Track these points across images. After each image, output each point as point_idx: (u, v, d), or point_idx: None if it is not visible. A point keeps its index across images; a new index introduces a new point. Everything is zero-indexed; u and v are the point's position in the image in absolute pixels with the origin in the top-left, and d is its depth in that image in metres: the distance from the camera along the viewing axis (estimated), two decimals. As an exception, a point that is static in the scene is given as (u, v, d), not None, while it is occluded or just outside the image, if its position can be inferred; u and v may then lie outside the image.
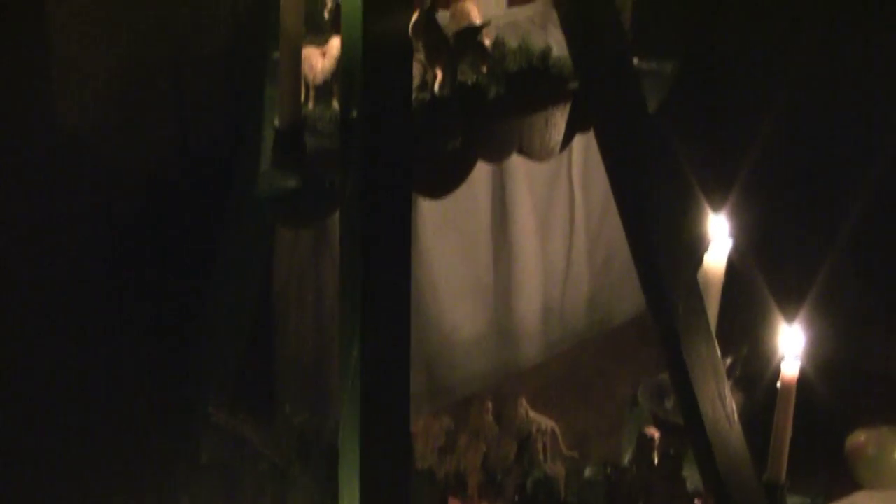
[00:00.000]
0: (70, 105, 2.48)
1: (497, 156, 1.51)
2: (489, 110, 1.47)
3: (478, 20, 1.55)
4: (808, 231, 2.58)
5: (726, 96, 2.70)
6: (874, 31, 2.59)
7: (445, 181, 1.45)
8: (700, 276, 1.82)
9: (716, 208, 1.92)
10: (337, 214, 1.36)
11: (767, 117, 2.52)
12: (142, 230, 2.44)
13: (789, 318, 1.83)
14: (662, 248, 1.62)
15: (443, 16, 1.51)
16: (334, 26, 1.47)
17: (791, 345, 1.77)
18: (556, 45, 2.18)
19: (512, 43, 1.63)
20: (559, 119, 1.53)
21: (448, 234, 2.23)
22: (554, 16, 2.18)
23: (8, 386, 2.09)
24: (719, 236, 1.86)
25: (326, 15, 1.49)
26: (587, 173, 2.35)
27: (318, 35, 1.55)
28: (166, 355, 2.04)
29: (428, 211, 2.15)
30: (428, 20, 1.37)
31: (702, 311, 1.70)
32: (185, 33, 2.57)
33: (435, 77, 1.42)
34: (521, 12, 2.26)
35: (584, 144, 2.29)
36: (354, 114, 1.29)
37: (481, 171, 2.13)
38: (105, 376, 2.21)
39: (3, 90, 2.30)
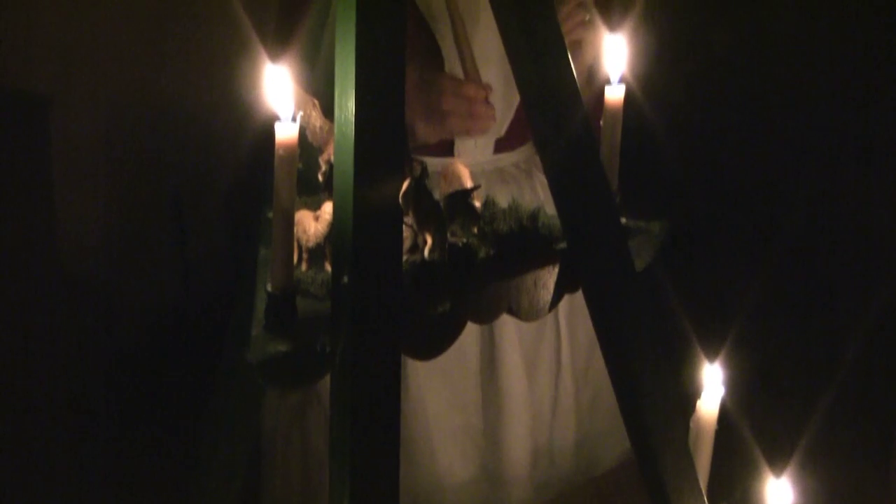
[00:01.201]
0: (72, 247, 2.52)
1: (486, 317, 1.53)
2: (479, 272, 1.49)
3: (469, 182, 1.58)
4: (801, 383, 2.60)
5: (721, 246, 2.74)
6: (861, 187, 2.63)
7: (434, 344, 1.47)
8: (692, 423, 1.83)
9: (711, 358, 1.94)
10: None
11: (762, 270, 2.55)
12: (140, 375, 2.46)
13: (778, 470, 1.84)
14: (650, 402, 1.63)
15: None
16: (328, 188, 1.50)
17: (780, 499, 1.77)
18: (542, 188, 2.23)
19: (502, 201, 1.66)
20: (548, 279, 1.55)
21: (436, 378, 2.24)
22: (539, 161, 2.22)
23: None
24: (712, 385, 1.87)
25: (320, 178, 1.52)
26: (573, 313, 2.37)
27: (313, 195, 1.58)
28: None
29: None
30: (418, 188, 1.40)
31: (690, 464, 1.71)
32: (188, 177, 2.63)
33: (425, 242, 1.44)
34: (507, 158, 2.28)
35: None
36: (345, 279, 1.32)
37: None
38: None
39: (6, 231, 2.34)
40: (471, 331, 2.28)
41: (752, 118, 2.75)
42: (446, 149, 2.17)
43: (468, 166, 1.63)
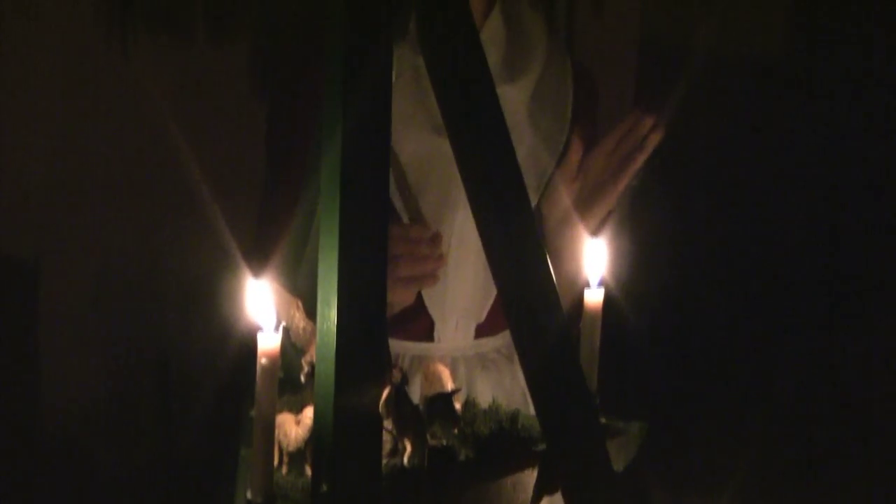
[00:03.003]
0: (57, 410, 2.52)
1: (465, 523, 1.53)
2: (458, 476, 1.50)
3: (449, 384, 1.60)
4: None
5: (709, 426, 2.75)
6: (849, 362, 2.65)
7: (413, 550, 1.47)
8: None
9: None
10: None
11: (750, 450, 2.55)
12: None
13: None
14: None
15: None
16: (310, 388, 1.52)
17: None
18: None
19: (483, 389, 1.67)
20: (527, 482, 1.56)
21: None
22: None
23: None
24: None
25: (303, 378, 1.54)
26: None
27: (295, 394, 1.60)
28: None
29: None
30: (399, 395, 1.42)
31: None
32: (175, 342, 2.64)
33: (405, 447, 1.46)
34: (489, 343, 2.26)
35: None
36: (324, 487, 1.33)
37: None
38: None
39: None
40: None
41: (733, 308, 2.79)
42: (425, 333, 2.18)
43: (448, 366, 1.65)
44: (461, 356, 2.21)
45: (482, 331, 2.26)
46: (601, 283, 1.65)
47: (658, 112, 2.06)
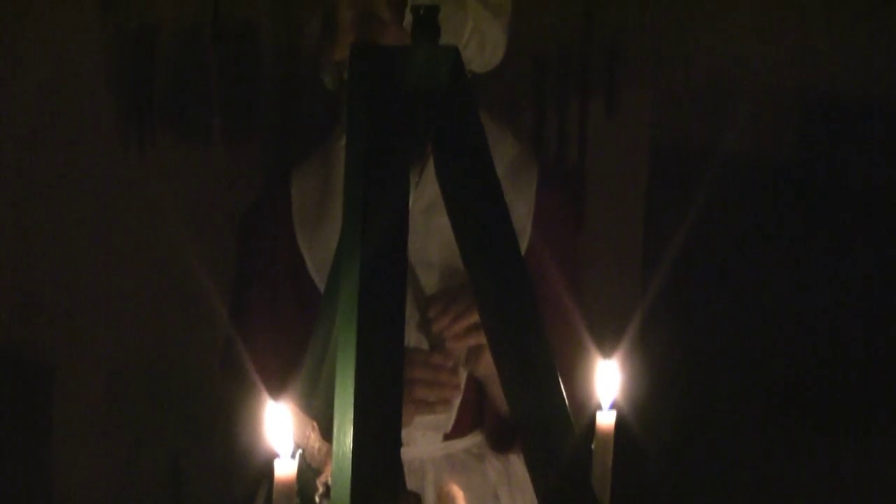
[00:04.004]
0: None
1: None
2: None
3: (464, 506, 1.61)
4: None
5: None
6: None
7: None
8: None
9: None
10: None
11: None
12: None
13: None
14: None
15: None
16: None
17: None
18: (495, 473, 2.24)
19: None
20: None
21: None
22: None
23: None
24: None
25: (318, 499, 1.55)
26: None
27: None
28: None
29: None
30: (414, 509, 1.44)
31: None
32: (187, 445, 2.65)
33: (420, 573, 1.47)
34: (457, 444, 2.29)
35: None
36: None
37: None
38: None
39: (5, 496, 2.35)
40: None
41: (746, 428, 2.79)
42: None
43: (462, 488, 1.65)
44: (430, 458, 2.23)
45: (450, 434, 2.27)
46: (613, 406, 1.66)
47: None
